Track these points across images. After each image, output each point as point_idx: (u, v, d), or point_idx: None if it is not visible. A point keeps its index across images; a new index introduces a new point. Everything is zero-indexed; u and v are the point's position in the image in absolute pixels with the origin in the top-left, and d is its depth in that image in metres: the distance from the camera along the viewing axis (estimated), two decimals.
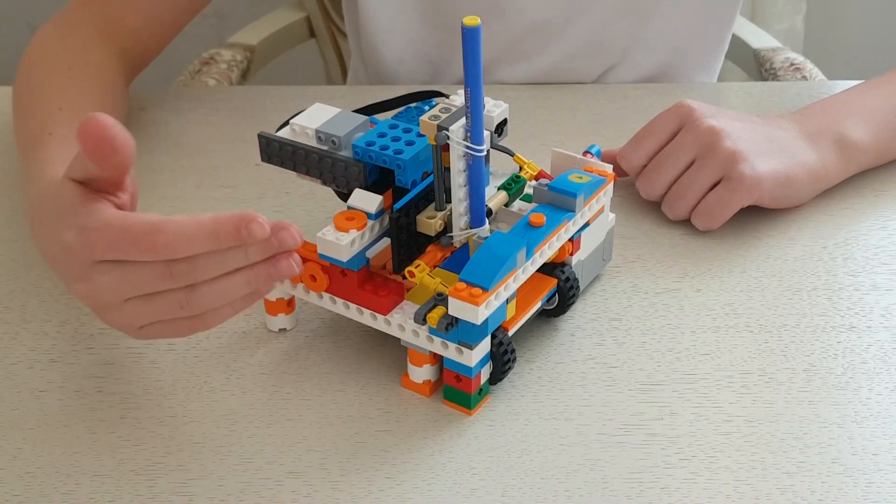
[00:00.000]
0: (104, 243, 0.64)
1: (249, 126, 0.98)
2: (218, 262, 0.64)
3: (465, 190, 0.70)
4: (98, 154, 0.63)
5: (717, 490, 0.66)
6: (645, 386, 0.73)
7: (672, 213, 0.85)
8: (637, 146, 0.86)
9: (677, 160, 0.84)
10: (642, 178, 0.86)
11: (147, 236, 0.63)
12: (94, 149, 0.63)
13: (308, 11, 1.40)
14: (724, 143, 0.82)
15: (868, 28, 2.02)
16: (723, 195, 0.82)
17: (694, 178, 0.83)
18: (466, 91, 0.66)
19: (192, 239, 0.63)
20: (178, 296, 0.65)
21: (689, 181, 0.83)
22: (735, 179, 0.81)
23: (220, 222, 0.62)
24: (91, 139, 0.62)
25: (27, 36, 0.94)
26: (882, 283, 0.81)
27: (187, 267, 0.64)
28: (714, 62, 1.12)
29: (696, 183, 0.83)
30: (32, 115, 0.84)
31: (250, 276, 0.64)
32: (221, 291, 0.65)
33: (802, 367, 0.74)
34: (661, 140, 0.85)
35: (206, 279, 0.64)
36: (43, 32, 0.94)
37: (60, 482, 0.67)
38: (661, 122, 0.86)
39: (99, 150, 0.63)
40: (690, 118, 0.84)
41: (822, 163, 0.85)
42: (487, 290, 0.66)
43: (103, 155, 0.63)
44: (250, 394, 0.73)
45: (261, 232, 0.62)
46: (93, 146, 0.62)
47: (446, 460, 0.68)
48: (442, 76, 1.08)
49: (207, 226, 0.62)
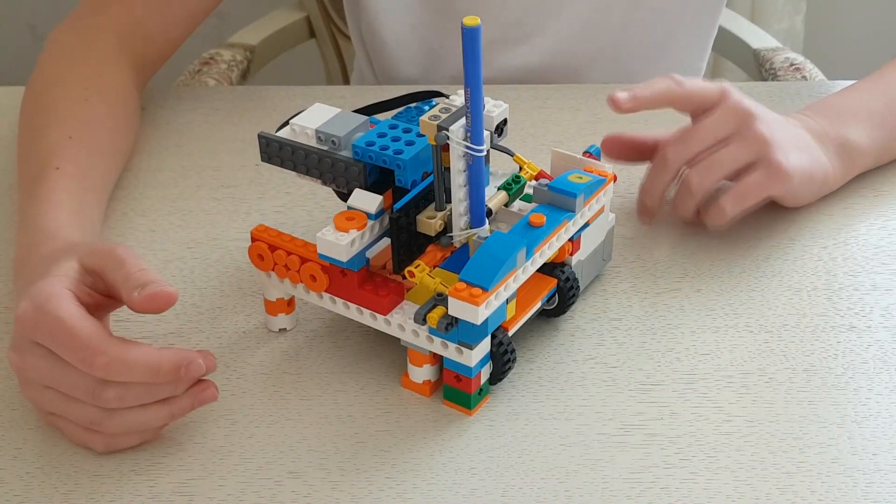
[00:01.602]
0: (47, 333, 0.65)
1: (249, 126, 0.98)
2: (147, 393, 0.66)
3: (465, 190, 0.70)
4: (149, 310, 0.66)
5: (717, 490, 0.66)
6: (645, 386, 0.73)
7: (697, 180, 0.80)
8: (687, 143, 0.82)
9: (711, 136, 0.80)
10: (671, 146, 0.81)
11: (87, 350, 0.64)
12: (149, 310, 0.66)
13: (308, 11, 1.40)
14: (761, 127, 0.80)
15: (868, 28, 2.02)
16: (759, 180, 0.79)
17: (726, 155, 0.80)
18: (466, 91, 0.66)
19: (131, 369, 0.64)
20: (93, 414, 0.66)
21: (721, 156, 0.80)
22: (774, 167, 0.79)
23: (163, 360, 0.65)
24: (155, 307, 0.66)
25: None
26: (882, 283, 0.81)
27: (116, 397, 0.65)
28: (705, 43, 1.12)
29: (728, 160, 0.80)
30: (42, 137, 0.84)
31: (174, 409, 0.67)
32: (138, 420, 0.67)
33: (802, 367, 0.74)
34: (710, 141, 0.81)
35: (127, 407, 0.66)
36: (60, 38, 0.93)
37: (60, 482, 0.67)
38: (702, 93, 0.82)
39: (152, 311, 0.66)
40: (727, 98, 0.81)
41: (832, 167, 0.85)
42: (487, 290, 0.66)
43: (153, 311, 0.66)
44: (250, 394, 0.73)
45: (199, 372, 0.65)
46: (153, 310, 0.66)
47: (446, 460, 0.68)
48: (442, 64, 1.09)
49: (149, 361, 0.64)
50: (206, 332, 0.77)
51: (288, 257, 0.72)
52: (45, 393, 0.67)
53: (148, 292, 0.66)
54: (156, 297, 0.66)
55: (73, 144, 0.83)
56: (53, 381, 0.66)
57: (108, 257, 0.68)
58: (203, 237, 0.86)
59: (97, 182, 0.84)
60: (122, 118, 0.91)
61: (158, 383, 0.66)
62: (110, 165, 0.88)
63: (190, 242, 0.85)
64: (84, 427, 0.67)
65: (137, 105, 0.94)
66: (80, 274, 0.68)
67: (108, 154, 0.87)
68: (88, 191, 0.82)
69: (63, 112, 0.86)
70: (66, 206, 0.77)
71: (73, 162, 0.81)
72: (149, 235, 0.86)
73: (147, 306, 0.66)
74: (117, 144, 0.89)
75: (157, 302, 0.66)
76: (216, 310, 0.79)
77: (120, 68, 0.92)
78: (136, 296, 0.66)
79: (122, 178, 0.91)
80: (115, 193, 0.89)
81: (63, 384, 0.66)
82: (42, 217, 0.76)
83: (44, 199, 0.77)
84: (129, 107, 0.92)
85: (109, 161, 0.87)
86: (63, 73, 0.90)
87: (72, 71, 0.90)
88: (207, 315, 0.79)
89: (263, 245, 0.73)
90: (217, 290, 0.81)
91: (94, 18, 0.94)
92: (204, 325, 0.78)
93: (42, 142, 0.83)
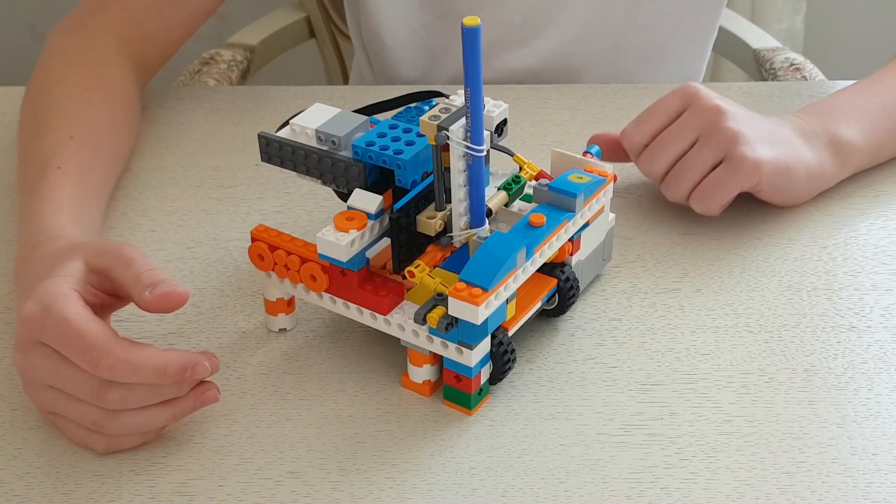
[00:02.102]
0: (54, 334, 0.65)
1: (249, 126, 0.98)
2: (151, 394, 0.66)
3: (465, 190, 0.70)
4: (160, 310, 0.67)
5: (717, 490, 0.66)
6: (645, 386, 0.73)
7: (672, 193, 0.83)
8: (640, 125, 0.84)
9: (680, 139, 0.82)
10: (644, 157, 0.84)
11: (94, 351, 0.64)
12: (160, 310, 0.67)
13: (308, 11, 1.40)
14: (728, 122, 0.81)
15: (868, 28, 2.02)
16: (723, 176, 0.81)
17: (695, 158, 0.81)
18: (466, 91, 0.66)
19: (137, 371, 0.64)
20: (95, 415, 0.67)
21: (689, 160, 0.82)
22: (737, 160, 0.80)
23: (169, 362, 0.65)
24: (167, 307, 0.66)
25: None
26: (882, 283, 0.81)
27: (119, 398, 0.65)
28: (705, 45, 1.12)
29: (697, 162, 0.81)
30: (43, 137, 0.84)
31: (177, 411, 0.67)
32: (140, 422, 0.67)
33: (802, 367, 0.74)
34: (664, 120, 0.83)
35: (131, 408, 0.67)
36: (61, 38, 0.93)
37: (60, 482, 0.67)
38: (665, 102, 0.84)
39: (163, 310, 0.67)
40: (695, 98, 0.83)
41: (820, 163, 0.85)
42: (487, 290, 0.66)
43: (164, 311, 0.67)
44: (250, 394, 0.73)
45: (204, 374, 0.66)
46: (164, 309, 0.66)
47: (446, 460, 0.68)
48: (442, 64, 1.09)
49: (155, 363, 0.64)
50: (206, 332, 0.77)
51: (288, 257, 0.72)
52: (47, 393, 0.67)
53: (160, 292, 0.66)
54: (167, 296, 0.66)
55: (74, 144, 0.83)
56: (57, 381, 0.66)
57: (116, 257, 0.68)
58: (203, 237, 0.86)
59: (98, 182, 0.84)
60: (123, 118, 0.91)
61: (163, 385, 0.66)
62: (111, 165, 0.88)
63: (190, 242, 0.85)
64: (85, 427, 0.67)
65: (138, 105, 0.94)
66: (86, 274, 0.68)
67: (109, 154, 0.88)
68: (89, 190, 0.82)
69: (64, 112, 0.86)
70: (67, 206, 0.77)
71: (75, 162, 0.81)
72: (149, 235, 0.86)
73: (158, 306, 0.66)
74: (118, 144, 0.89)
75: (169, 302, 0.66)
76: (216, 310, 0.79)
77: (120, 68, 0.92)
78: (147, 295, 0.66)
79: (122, 178, 0.91)
80: (115, 193, 0.89)
81: (67, 384, 0.66)
82: (43, 216, 0.76)
83: (45, 198, 0.77)
84: (130, 106, 0.92)
85: (110, 161, 0.88)
86: (64, 73, 0.90)
87: (73, 71, 0.90)
88: (207, 315, 0.79)
89: (263, 245, 0.73)
90: (217, 290, 0.81)
91: (94, 19, 0.94)
92: (204, 325, 0.78)
93: (43, 142, 0.83)
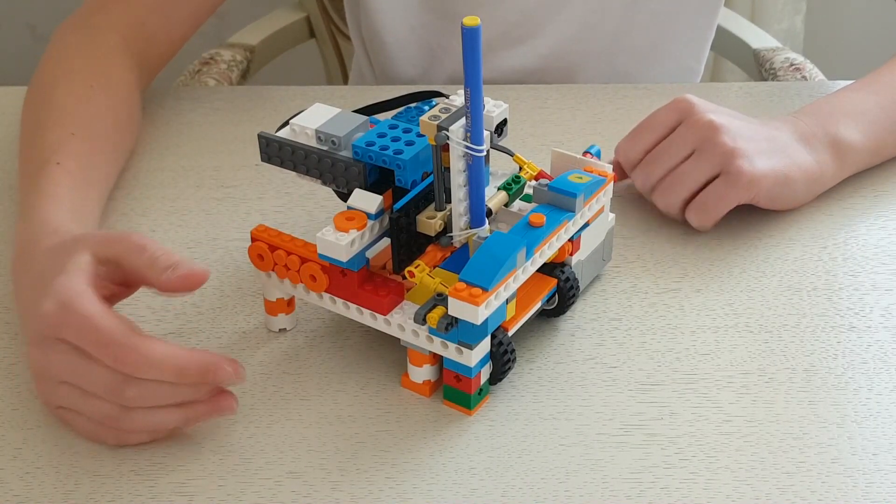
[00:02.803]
0: (74, 331, 0.65)
1: (249, 126, 0.98)
2: (169, 394, 0.66)
3: (464, 190, 0.70)
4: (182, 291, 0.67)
5: (717, 490, 0.66)
6: (645, 386, 0.73)
7: (663, 203, 0.83)
8: (634, 139, 0.85)
9: (675, 153, 0.82)
10: (638, 170, 0.84)
11: (116, 346, 0.64)
12: (182, 289, 0.66)
13: (308, 11, 1.40)
14: (724, 138, 0.81)
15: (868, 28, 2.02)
16: (720, 190, 0.81)
17: (690, 171, 0.82)
18: (466, 91, 0.66)
19: (159, 368, 0.64)
20: (112, 410, 0.66)
21: (684, 173, 0.82)
22: (733, 175, 0.80)
23: (191, 362, 0.64)
24: (189, 286, 0.66)
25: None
26: (882, 283, 0.81)
27: (137, 395, 0.65)
28: (703, 44, 1.12)
29: (692, 175, 0.82)
30: (44, 133, 0.84)
31: (190, 414, 0.67)
32: (153, 420, 0.67)
33: (802, 367, 0.74)
34: (659, 134, 0.84)
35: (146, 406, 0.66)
36: (64, 36, 0.93)
37: (60, 482, 0.67)
38: (660, 116, 0.84)
39: (185, 290, 0.67)
40: (690, 113, 0.83)
41: (818, 164, 0.85)
42: (487, 290, 0.66)
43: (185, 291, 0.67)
44: (250, 394, 0.73)
45: (225, 378, 0.65)
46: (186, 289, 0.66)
47: (446, 460, 0.68)
48: (442, 64, 1.09)
49: (177, 361, 0.64)
50: (206, 332, 0.77)
51: (288, 257, 0.72)
52: (60, 388, 0.67)
53: (181, 272, 0.66)
54: (189, 276, 0.66)
55: (75, 141, 0.83)
56: (75, 377, 0.66)
57: (127, 244, 0.68)
58: (203, 237, 0.86)
59: (98, 179, 0.84)
60: (125, 116, 0.91)
61: (182, 384, 0.65)
62: (111, 163, 0.88)
63: (190, 242, 0.85)
64: (97, 421, 0.67)
65: (139, 103, 0.94)
66: (95, 266, 0.68)
67: (110, 151, 0.88)
68: (89, 187, 0.82)
69: (66, 109, 0.86)
70: (66, 202, 0.77)
71: (75, 158, 0.82)
72: (149, 235, 0.86)
73: (180, 286, 0.66)
74: (119, 142, 0.90)
75: (191, 281, 0.66)
76: (216, 310, 0.79)
77: (123, 67, 0.92)
78: (167, 276, 0.66)
79: (122, 178, 0.91)
80: (115, 193, 0.89)
81: (84, 380, 0.66)
82: (43, 211, 0.76)
83: (45, 193, 0.77)
84: (132, 104, 0.92)
85: (111, 158, 0.88)
86: (66, 70, 0.90)
87: (75, 68, 0.90)
88: (207, 315, 0.79)
89: (263, 245, 0.73)
90: (217, 290, 0.81)
91: (98, 17, 0.94)
92: (204, 325, 0.78)
93: (44, 138, 0.83)
